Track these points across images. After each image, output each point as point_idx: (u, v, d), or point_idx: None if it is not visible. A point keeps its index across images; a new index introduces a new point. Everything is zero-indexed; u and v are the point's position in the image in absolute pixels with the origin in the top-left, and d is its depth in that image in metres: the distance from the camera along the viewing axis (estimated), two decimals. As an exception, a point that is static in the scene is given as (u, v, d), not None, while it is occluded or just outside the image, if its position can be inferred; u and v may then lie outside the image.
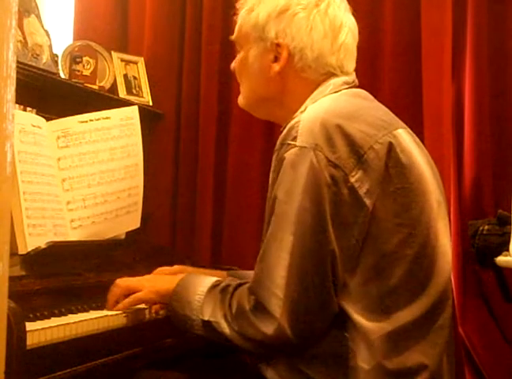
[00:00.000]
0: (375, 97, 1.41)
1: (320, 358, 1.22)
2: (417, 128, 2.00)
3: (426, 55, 2.07)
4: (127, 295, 1.46)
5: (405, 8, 2.15)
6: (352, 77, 1.42)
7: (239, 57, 1.48)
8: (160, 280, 1.47)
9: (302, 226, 1.20)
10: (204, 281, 1.34)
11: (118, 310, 1.47)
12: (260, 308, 1.21)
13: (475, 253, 1.99)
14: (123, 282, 1.49)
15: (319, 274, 1.20)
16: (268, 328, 1.19)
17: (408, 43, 2.15)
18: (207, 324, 1.27)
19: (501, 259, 1.85)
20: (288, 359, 1.25)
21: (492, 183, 2.07)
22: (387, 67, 2.16)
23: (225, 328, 1.25)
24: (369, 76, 2.15)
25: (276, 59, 1.39)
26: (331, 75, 1.38)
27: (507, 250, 1.80)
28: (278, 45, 1.38)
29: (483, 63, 2.08)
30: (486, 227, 1.96)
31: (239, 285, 1.28)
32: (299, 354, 1.23)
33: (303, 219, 1.20)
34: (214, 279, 1.34)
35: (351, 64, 1.43)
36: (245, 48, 1.45)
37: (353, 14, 1.45)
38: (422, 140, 1.98)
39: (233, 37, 1.50)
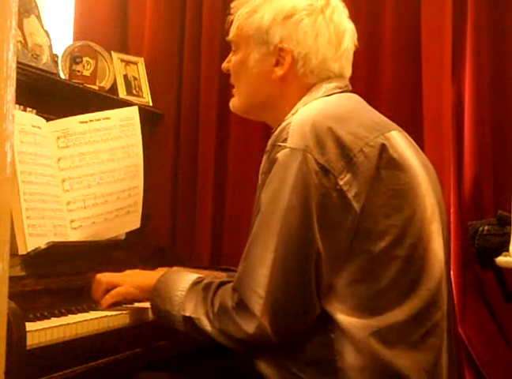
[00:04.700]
0: (375, 98, 1.42)
1: (308, 362, 1.22)
2: (417, 128, 2.02)
3: (426, 55, 2.07)
4: (109, 291, 1.46)
5: (405, 8, 2.15)
6: (345, 82, 1.42)
7: (234, 58, 1.47)
8: (141, 275, 1.48)
9: (287, 226, 1.19)
10: (185, 277, 1.33)
11: (103, 308, 1.47)
12: (242, 306, 1.21)
13: (475, 253, 1.99)
14: (104, 277, 1.49)
15: (302, 274, 1.20)
16: (249, 327, 1.19)
17: (408, 43, 2.15)
18: (188, 320, 1.27)
19: (501, 259, 1.84)
20: (281, 361, 1.24)
21: (492, 183, 2.07)
22: (387, 67, 2.16)
23: (206, 325, 1.25)
24: (369, 77, 2.15)
25: (277, 63, 1.39)
26: (327, 79, 1.39)
27: (507, 250, 1.80)
28: (282, 49, 1.38)
29: (483, 63, 2.08)
30: (486, 228, 1.96)
31: (223, 283, 1.28)
32: (290, 356, 1.23)
33: (289, 220, 1.19)
34: (196, 275, 1.34)
35: (347, 70, 1.43)
36: (244, 50, 1.43)
37: (353, 14, 1.45)
38: (422, 141, 2.00)
39: (230, 37, 1.49)
